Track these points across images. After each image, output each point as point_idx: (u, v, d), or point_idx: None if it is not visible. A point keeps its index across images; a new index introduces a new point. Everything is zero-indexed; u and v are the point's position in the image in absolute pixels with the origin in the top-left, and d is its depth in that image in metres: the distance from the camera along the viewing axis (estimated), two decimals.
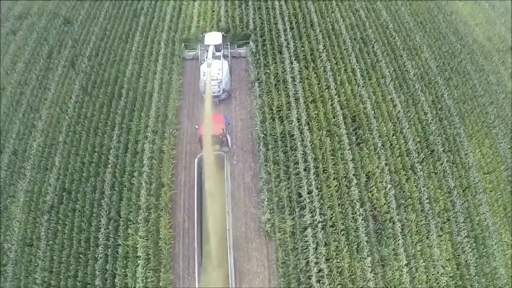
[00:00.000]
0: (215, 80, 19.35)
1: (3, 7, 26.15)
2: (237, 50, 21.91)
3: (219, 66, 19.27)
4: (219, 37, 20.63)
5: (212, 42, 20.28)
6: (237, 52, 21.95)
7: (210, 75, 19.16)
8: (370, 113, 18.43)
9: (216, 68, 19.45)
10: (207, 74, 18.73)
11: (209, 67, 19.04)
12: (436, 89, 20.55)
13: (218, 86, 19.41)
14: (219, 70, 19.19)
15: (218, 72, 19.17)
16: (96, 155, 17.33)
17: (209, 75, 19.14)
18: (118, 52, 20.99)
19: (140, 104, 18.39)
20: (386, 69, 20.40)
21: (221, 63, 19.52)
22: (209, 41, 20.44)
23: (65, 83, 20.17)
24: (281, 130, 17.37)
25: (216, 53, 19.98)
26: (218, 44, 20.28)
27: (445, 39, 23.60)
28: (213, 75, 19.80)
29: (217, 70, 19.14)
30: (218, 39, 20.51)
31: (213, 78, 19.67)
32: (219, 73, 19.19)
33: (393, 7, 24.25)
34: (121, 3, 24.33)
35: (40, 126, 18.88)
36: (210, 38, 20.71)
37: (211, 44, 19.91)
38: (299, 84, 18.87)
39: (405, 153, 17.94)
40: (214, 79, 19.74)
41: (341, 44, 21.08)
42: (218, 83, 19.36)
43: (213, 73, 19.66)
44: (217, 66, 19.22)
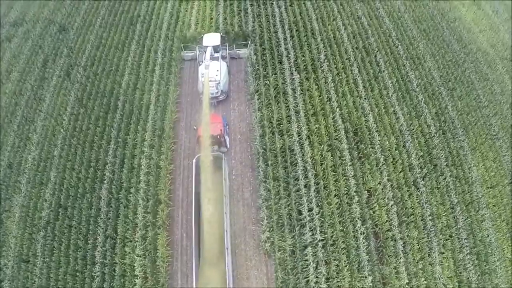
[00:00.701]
0: (213, 81, 19.61)
1: None
2: (236, 51, 21.62)
3: (217, 67, 19.11)
4: (217, 38, 20.40)
5: (210, 43, 20.12)
6: (236, 53, 21.66)
7: (207, 77, 19.09)
8: (372, 126, 18.04)
9: (214, 70, 19.81)
10: (204, 75, 18.51)
11: (207, 69, 19.30)
12: (439, 100, 20.11)
13: (216, 87, 19.32)
14: (217, 71, 19.07)
15: (216, 74, 19.00)
16: (92, 170, 17.04)
17: (207, 76, 19.09)
18: (114, 62, 20.58)
19: (136, 117, 18.08)
20: (389, 80, 20.00)
21: (219, 64, 19.32)
22: (207, 42, 20.23)
23: (60, 94, 19.86)
24: (281, 145, 16.97)
25: (215, 54, 19.76)
26: (216, 45, 20.02)
27: (449, 47, 23.08)
28: (211, 77, 19.54)
29: (215, 72, 19.00)
30: (217, 40, 20.28)
31: (211, 79, 19.54)
32: (217, 74, 19.02)
33: (396, 14, 23.77)
34: (117, 10, 23.86)
35: (35, 138, 18.58)
36: (208, 39, 20.47)
37: (209, 45, 19.64)
38: (300, 96, 18.54)
39: (407, 168, 17.59)
40: (212, 80, 19.60)
41: (343, 53, 20.67)
42: (216, 84, 19.37)
43: (211, 74, 19.53)
44: (215, 67, 19.08)
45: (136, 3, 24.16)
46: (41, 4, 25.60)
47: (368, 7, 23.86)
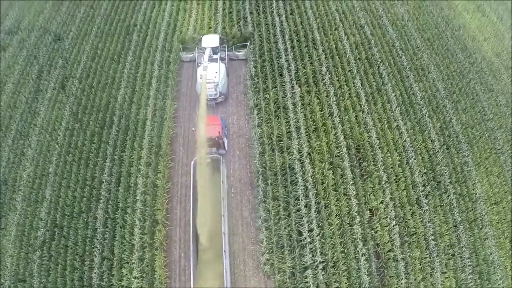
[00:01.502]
0: (211, 83, 19.35)
1: None
2: (235, 52, 21.31)
3: (216, 69, 18.87)
4: (216, 40, 20.10)
5: (209, 44, 19.90)
6: (235, 55, 21.35)
7: (205, 79, 18.71)
8: (375, 142, 17.47)
9: (212, 71, 19.54)
10: (203, 77, 18.88)
11: (205, 70, 19.03)
12: (444, 114, 19.50)
13: (215, 89, 19.33)
14: (215, 73, 18.85)
15: (214, 75, 18.73)
16: (88, 188, 16.62)
17: (205, 78, 18.71)
18: (110, 74, 20.00)
19: (132, 133, 17.60)
20: (392, 93, 19.41)
21: (218, 66, 19.03)
22: (206, 44, 19.97)
23: (55, 108, 19.36)
24: (281, 163, 16.40)
25: (213, 55, 19.48)
26: (215, 46, 19.75)
27: (453, 57, 22.34)
28: (210, 78, 19.20)
29: (214, 73, 18.75)
30: (215, 42, 19.99)
31: (209, 81, 19.22)
32: (216, 76, 18.76)
33: (400, 23, 23.06)
34: (113, 18, 23.14)
35: (30, 154, 18.12)
36: (207, 41, 20.19)
37: (208, 47, 19.35)
38: (301, 111, 18.02)
39: (410, 186, 17.10)
40: (210, 82, 19.28)
41: (345, 65, 20.02)
42: (214, 86, 19.54)
43: (210, 76, 19.23)
44: (213, 69, 18.85)
45: (132, 12, 23.51)
46: (37, 12, 24.93)
47: (371, 15, 23.08)
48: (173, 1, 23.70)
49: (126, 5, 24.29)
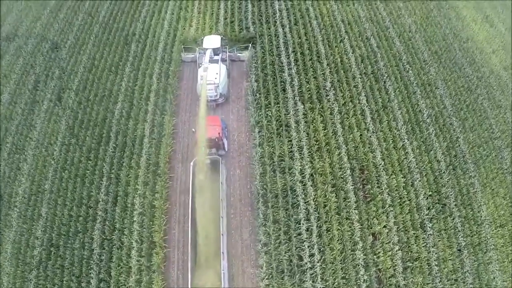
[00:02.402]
0: (212, 84, 19.09)
1: None
2: (237, 53, 20.89)
3: (217, 70, 18.58)
4: (217, 41, 19.72)
5: (210, 45, 19.56)
6: (237, 56, 20.93)
7: (206, 80, 18.44)
8: (379, 163, 16.85)
9: (213, 72, 19.28)
10: (203, 78, 18.64)
11: (205, 71, 18.83)
12: (451, 133, 18.77)
13: (215, 90, 18.75)
14: (216, 74, 18.52)
15: (215, 76, 18.41)
16: (84, 208, 16.12)
17: (205, 79, 18.45)
18: (107, 87, 19.30)
19: (130, 150, 17.03)
20: (398, 110, 18.74)
21: (219, 67, 18.71)
22: (207, 45, 19.66)
23: (51, 121, 18.76)
24: (282, 185, 15.74)
25: (214, 56, 19.15)
26: (216, 47, 19.41)
27: (461, 71, 21.47)
28: (210, 79, 18.93)
29: (215, 74, 18.44)
30: (217, 43, 19.61)
31: (210, 82, 18.93)
32: (216, 77, 18.43)
33: (407, 35, 22.29)
34: (111, 27, 22.33)
35: (26, 169, 17.56)
36: (208, 42, 19.83)
37: (209, 48, 19.01)
38: (303, 129, 17.40)
39: (415, 209, 16.49)
40: (211, 83, 18.99)
41: (350, 80, 19.28)
42: (215, 87, 19.25)
43: (210, 77, 18.98)
44: (214, 70, 18.58)
45: (131, 20, 22.72)
46: (34, 18, 24.15)
47: (378, 26, 22.23)
48: (173, 10, 22.83)
49: (125, 13, 23.51)
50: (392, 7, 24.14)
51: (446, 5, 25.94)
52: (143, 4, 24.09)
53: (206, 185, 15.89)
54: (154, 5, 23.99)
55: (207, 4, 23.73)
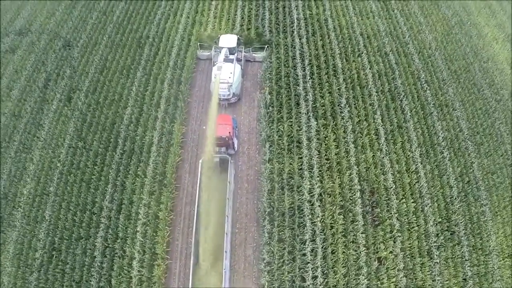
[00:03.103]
0: (225, 83, 19.02)
1: (4, 19, 24.23)
2: (252, 54, 20.71)
3: (231, 70, 18.49)
4: (234, 40, 19.59)
5: (226, 44, 19.44)
6: (252, 56, 20.75)
7: (218, 79, 18.33)
8: (390, 186, 16.27)
9: (227, 71, 19.25)
10: (216, 77, 18.55)
11: (219, 70, 18.77)
12: (465, 157, 18.07)
13: (228, 89, 19.24)
14: (230, 73, 18.43)
15: (229, 76, 18.28)
16: (88, 213, 15.92)
17: (218, 79, 18.34)
18: (117, 90, 18.92)
19: (137, 158, 16.73)
20: (414, 132, 18.14)
21: (233, 67, 18.72)
22: (223, 44, 19.55)
23: (59, 121, 18.53)
24: (290, 203, 15.27)
25: (230, 56, 19.07)
26: (232, 47, 19.25)
27: (480, 93, 20.67)
28: (224, 79, 18.82)
29: (229, 74, 18.33)
30: (233, 42, 19.47)
31: (223, 81, 18.81)
32: (230, 76, 18.32)
33: (427, 52, 21.51)
34: (125, 28, 21.88)
35: (32, 169, 17.42)
36: (225, 40, 19.74)
37: (225, 47, 18.85)
38: (315, 147, 16.84)
39: (423, 236, 15.97)
40: (224, 82, 18.89)
41: (366, 97, 18.71)
42: (228, 87, 19.15)
43: (224, 76, 18.90)
44: (228, 69, 18.50)
45: (146, 22, 22.25)
46: (49, 14, 23.86)
47: (397, 41, 21.48)
48: (188, 13, 22.30)
49: (139, 14, 23.01)
50: (413, 22, 23.37)
51: (468, 22, 25.06)
52: (159, 6, 23.56)
53: (213, 183, 15.58)
54: (170, 7, 23.47)
55: (224, 9, 23.26)
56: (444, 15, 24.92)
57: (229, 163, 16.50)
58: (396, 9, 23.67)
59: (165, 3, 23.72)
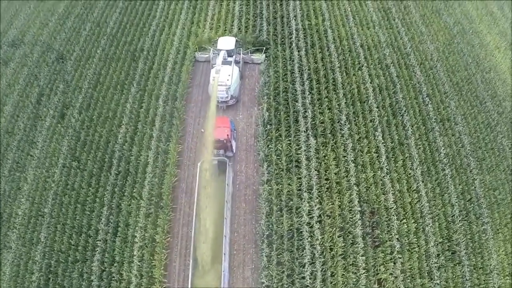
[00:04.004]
0: (223, 85, 18.78)
1: None
2: (250, 56, 20.41)
3: (229, 72, 18.29)
4: (232, 42, 19.34)
5: (224, 47, 19.19)
6: (250, 58, 20.42)
7: (217, 82, 18.03)
8: (391, 207, 15.89)
9: (225, 74, 19.15)
10: (214, 80, 18.30)
11: (217, 73, 18.54)
12: (467, 174, 17.67)
13: (226, 92, 18.91)
14: (228, 76, 18.22)
15: (227, 78, 18.06)
16: (84, 236, 15.51)
17: (216, 81, 18.05)
18: (111, 107, 18.27)
19: (132, 179, 16.28)
20: (415, 149, 17.71)
21: (231, 69, 18.34)
22: (221, 46, 19.30)
23: (53, 139, 17.97)
24: (288, 226, 14.90)
25: (228, 58, 18.82)
26: (230, 49, 19.00)
27: (482, 105, 20.19)
28: (222, 81, 18.63)
29: (227, 76, 18.10)
30: (231, 44, 19.22)
31: (221, 83, 18.55)
32: (228, 79, 18.11)
33: (428, 63, 20.75)
34: (119, 40, 21.10)
35: (26, 189, 16.95)
36: (223, 43, 19.51)
37: (223, 49, 18.56)
38: (315, 167, 16.35)
39: (423, 256, 15.60)
40: (222, 85, 18.60)
41: (367, 113, 18.18)
42: (226, 89, 19.04)
43: (222, 79, 18.74)
44: (226, 71, 18.27)
45: (140, 34, 21.48)
46: (41, 25, 23.07)
47: (398, 52, 20.93)
48: (184, 24, 21.49)
49: (134, 26, 22.20)
50: (414, 32, 22.69)
51: (469, 30, 24.28)
52: (153, 17, 22.75)
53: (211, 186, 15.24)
54: (165, 17, 22.65)
55: (220, 20, 22.53)
56: (445, 23, 24.19)
57: (227, 165, 16.13)
58: (397, 18, 22.93)
59: (160, 14, 22.90)
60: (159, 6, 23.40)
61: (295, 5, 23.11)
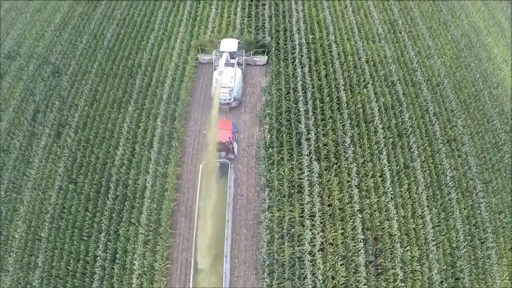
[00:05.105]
0: (226, 87, 18.35)
1: None
2: (253, 58, 19.77)
3: (232, 74, 17.85)
4: (235, 44, 18.83)
5: (227, 49, 18.75)
6: (253, 60, 19.76)
7: (220, 84, 17.68)
8: (395, 234, 15.37)
9: (228, 76, 18.66)
10: (217, 82, 17.95)
11: (220, 75, 17.98)
12: (473, 198, 16.97)
13: (229, 94, 18.69)
14: (231, 78, 17.80)
15: (230, 80, 17.63)
16: (81, 263, 15.03)
17: (219, 83, 17.71)
18: (108, 127, 17.37)
19: (130, 204, 15.62)
20: (421, 172, 16.96)
21: (234, 71, 18.11)
22: (224, 48, 18.81)
23: (49, 160, 17.28)
24: (290, 254, 14.35)
25: (231, 60, 18.33)
26: (233, 51, 18.42)
27: (489, 124, 19.32)
28: (225, 83, 18.18)
29: (229, 78, 17.69)
30: (234, 46, 18.70)
31: (224, 85, 18.12)
32: (231, 81, 17.64)
33: (435, 80, 19.52)
34: (116, 54, 20.02)
35: (23, 211, 16.43)
36: (226, 45, 18.99)
37: (226, 51, 17.90)
38: (317, 193, 15.55)
39: (426, 284, 15.02)
40: (225, 87, 18.18)
41: (372, 135, 17.33)
42: (229, 91, 18.62)
43: (225, 81, 18.28)
44: (229, 73, 17.90)
45: (138, 48, 20.31)
46: (38, 36, 21.97)
47: (405, 68, 19.89)
48: (183, 37, 20.28)
49: (131, 39, 21.00)
50: (421, 45, 21.62)
51: (477, 43, 23.20)
52: (152, 29, 21.42)
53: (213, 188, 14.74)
54: (163, 31, 21.36)
55: (221, 33, 21.27)
56: (453, 36, 23.03)
57: (229, 168, 15.47)
58: (404, 31, 21.78)
59: (158, 27, 21.63)
60: (157, 18, 22.22)
61: (299, 17, 21.86)
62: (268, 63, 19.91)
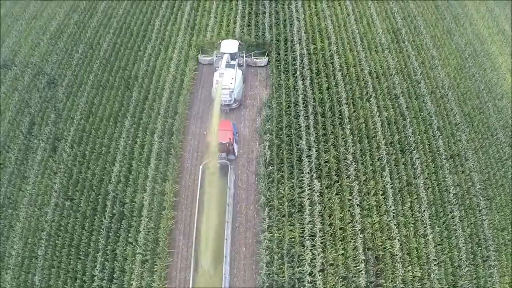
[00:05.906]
0: (227, 89, 18.11)
1: None
2: (253, 59, 19.32)
3: (232, 75, 17.53)
4: (235, 45, 18.44)
5: (228, 50, 18.39)
6: (253, 61, 19.32)
7: (220, 86, 17.46)
8: (397, 254, 14.90)
9: (229, 77, 18.43)
10: (218, 83, 17.76)
11: (221, 77, 17.89)
12: (476, 215, 16.41)
13: (230, 95, 18.33)
14: (232, 79, 17.56)
15: (230, 82, 18.28)
16: (79, 282, 14.26)
17: (220, 85, 17.49)
18: (105, 141, 16.78)
19: (127, 223, 15.13)
20: (424, 190, 16.44)
21: (235, 72, 18.18)
22: (225, 49, 18.43)
23: (44, 176, 16.70)
24: (289, 276, 13.96)
25: (231, 61, 17.94)
26: (233, 52, 18.01)
27: (493, 137, 18.63)
28: (225, 84, 18.04)
29: (230, 79, 17.79)
30: (234, 48, 18.32)
31: (225, 87, 17.94)
32: (232, 82, 18.07)
33: (439, 92, 18.79)
34: (113, 65, 19.25)
35: (19, 228, 15.97)
36: (226, 46, 18.60)
37: (226, 53, 17.40)
38: (318, 213, 14.99)
39: None
40: (226, 88, 18.01)
41: (374, 151, 16.74)
42: (230, 92, 18.31)
43: (226, 82, 18.17)
44: (230, 75, 18.18)
45: (135, 59, 19.56)
46: (33, 44, 21.08)
47: (408, 80, 19.14)
48: (181, 47, 19.49)
49: (128, 49, 20.16)
50: (425, 55, 20.89)
51: (481, 52, 22.40)
52: (149, 39, 20.66)
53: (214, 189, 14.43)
54: (161, 40, 20.52)
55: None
56: (457, 45, 22.23)
57: (229, 168, 15.86)
58: (407, 41, 21.03)
59: (156, 36, 20.82)
60: (154, 26, 21.36)
61: (300, 26, 21.00)
62: (268, 63, 18.98)
